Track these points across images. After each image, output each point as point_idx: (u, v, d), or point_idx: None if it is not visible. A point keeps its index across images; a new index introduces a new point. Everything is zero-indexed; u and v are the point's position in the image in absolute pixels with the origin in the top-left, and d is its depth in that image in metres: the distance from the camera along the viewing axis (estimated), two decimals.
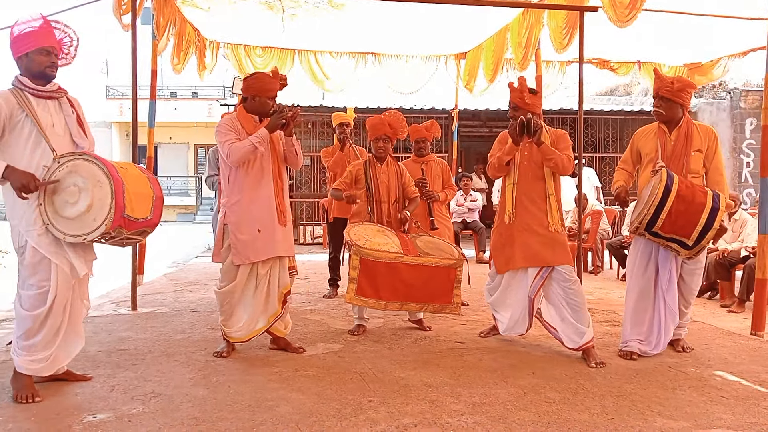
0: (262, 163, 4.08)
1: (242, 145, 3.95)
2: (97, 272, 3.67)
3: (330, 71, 9.26)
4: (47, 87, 3.42)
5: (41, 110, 3.38)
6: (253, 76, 4.20)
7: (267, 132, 4.00)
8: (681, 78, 4.42)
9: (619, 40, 7.84)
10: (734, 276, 6.34)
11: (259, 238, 4.03)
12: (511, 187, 4.33)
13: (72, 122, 3.50)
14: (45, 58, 3.37)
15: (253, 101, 4.11)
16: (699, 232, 3.86)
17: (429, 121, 5.84)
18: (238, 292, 4.09)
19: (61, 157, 3.29)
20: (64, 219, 3.25)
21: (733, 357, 4.27)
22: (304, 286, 7.16)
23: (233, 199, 4.07)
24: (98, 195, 3.21)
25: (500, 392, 3.47)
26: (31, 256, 3.30)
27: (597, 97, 15.13)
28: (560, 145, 4.27)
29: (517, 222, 4.27)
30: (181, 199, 25.31)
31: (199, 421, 3.02)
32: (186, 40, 7.49)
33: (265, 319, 4.15)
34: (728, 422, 3.07)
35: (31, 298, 3.31)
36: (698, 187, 4.01)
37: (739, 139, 13.40)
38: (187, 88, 25.31)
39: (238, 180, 4.06)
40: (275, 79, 4.16)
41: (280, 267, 4.17)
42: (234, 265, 4.06)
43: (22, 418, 3.03)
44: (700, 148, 4.19)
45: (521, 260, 4.25)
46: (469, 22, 7.66)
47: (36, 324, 3.31)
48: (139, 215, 3.36)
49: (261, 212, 4.05)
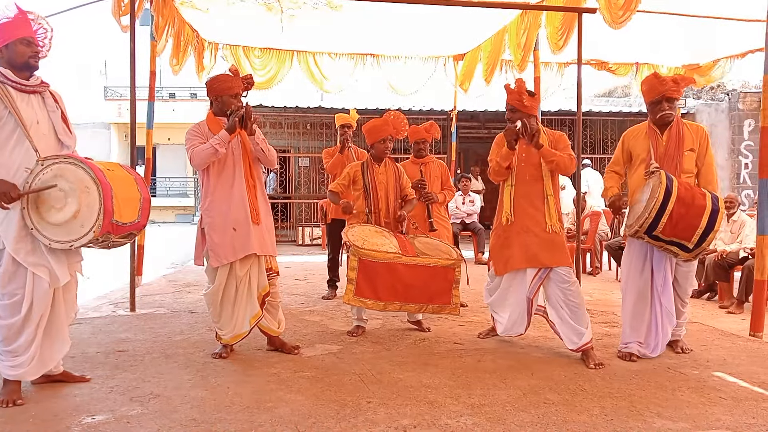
0: (233, 164, 4.07)
1: (202, 149, 3.96)
2: (96, 274, 3.65)
3: (329, 72, 9.27)
4: (31, 81, 3.27)
5: (24, 106, 3.22)
6: (213, 77, 4.17)
7: (226, 134, 3.97)
8: (680, 76, 4.39)
9: (618, 42, 7.86)
10: (733, 277, 6.35)
11: (235, 237, 4.01)
12: (509, 189, 4.32)
13: (57, 119, 3.35)
14: (27, 48, 3.23)
15: (218, 102, 4.11)
16: (700, 235, 3.84)
17: (428, 122, 5.83)
18: (220, 294, 4.07)
19: (45, 160, 3.16)
20: (50, 225, 3.14)
21: (732, 358, 4.27)
22: (302, 288, 7.15)
23: (207, 201, 4.08)
24: (86, 201, 3.12)
25: (499, 393, 3.47)
26: (8, 264, 3.17)
27: (596, 99, 15.15)
28: (559, 146, 4.26)
29: (515, 223, 4.26)
30: (180, 200, 25.28)
31: (198, 422, 3.01)
32: (184, 41, 7.50)
33: (248, 320, 4.13)
34: (727, 423, 3.07)
35: (4, 307, 3.19)
36: (696, 188, 4.01)
37: (738, 140, 13.43)
38: (186, 89, 25.28)
39: (211, 182, 4.06)
40: (236, 77, 4.14)
41: (258, 268, 4.14)
42: (212, 267, 4.07)
43: (20, 420, 3.02)
44: (693, 147, 4.18)
45: (520, 261, 4.25)
46: (467, 24, 7.66)
47: (12, 332, 3.21)
48: (126, 219, 3.27)
49: (235, 212, 4.03)
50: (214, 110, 4.16)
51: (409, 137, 5.77)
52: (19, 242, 3.17)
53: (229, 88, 4.09)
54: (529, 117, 4.17)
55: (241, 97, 4.15)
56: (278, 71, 9.08)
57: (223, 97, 4.08)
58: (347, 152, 6.28)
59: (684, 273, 4.25)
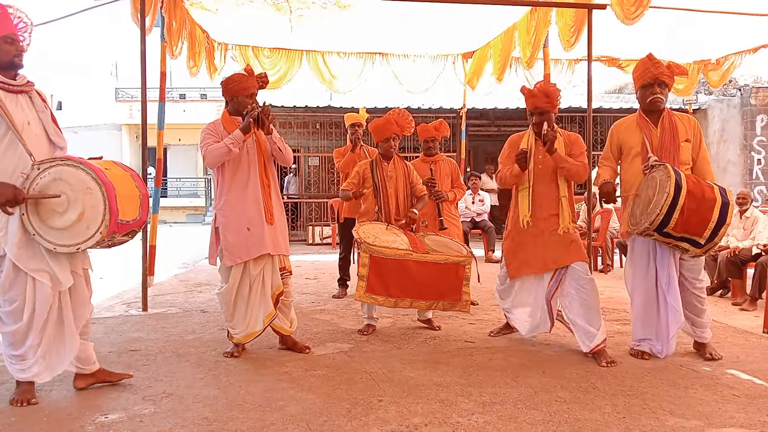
0: (248, 163, 4.09)
1: (216, 147, 3.97)
2: (108, 274, 3.66)
3: (338, 71, 9.27)
4: (17, 80, 3.16)
5: (14, 107, 3.10)
6: (228, 77, 4.17)
7: (240, 133, 3.98)
8: (674, 63, 4.24)
9: (628, 38, 7.81)
10: (746, 274, 6.30)
11: (249, 236, 4.03)
12: (526, 192, 4.26)
13: (47, 119, 3.25)
14: (11, 46, 3.10)
15: (233, 102, 4.12)
16: (712, 230, 3.70)
17: (438, 121, 5.83)
18: (233, 293, 4.09)
19: (42, 163, 3.07)
20: (53, 229, 3.07)
21: (745, 355, 4.24)
22: (313, 286, 7.17)
23: (221, 200, 4.10)
24: (90, 202, 3.05)
25: (511, 391, 3.46)
26: (9, 270, 3.11)
27: (606, 95, 15.07)
28: (574, 151, 4.21)
29: (530, 227, 4.22)
30: (191, 200, 25.43)
31: (210, 421, 3.03)
32: (197, 42, 7.53)
33: (261, 319, 4.15)
34: (741, 421, 3.05)
35: (6, 314, 3.16)
36: (703, 181, 3.87)
37: (750, 136, 13.31)
38: (196, 90, 25.41)
39: (225, 181, 4.08)
40: (251, 77, 4.14)
41: (272, 268, 4.16)
42: (226, 266, 4.08)
43: (34, 419, 3.05)
44: (688, 138, 4.07)
45: (535, 267, 4.20)
46: (476, 21, 7.64)
47: (17, 338, 3.17)
48: (129, 217, 3.22)
49: (249, 212, 4.05)
50: (229, 110, 4.17)
51: (419, 135, 5.77)
52: (21, 248, 3.10)
53: (244, 89, 4.09)
54: (549, 115, 4.12)
55: (256, 96, 4.17)
56: (288, 71, 9.10)
57: (238, 98, 4.09)
58: (359, 151, 6.29)
59: (690, 266, 4.09)
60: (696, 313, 4.13)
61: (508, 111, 13.29)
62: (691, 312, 4.13)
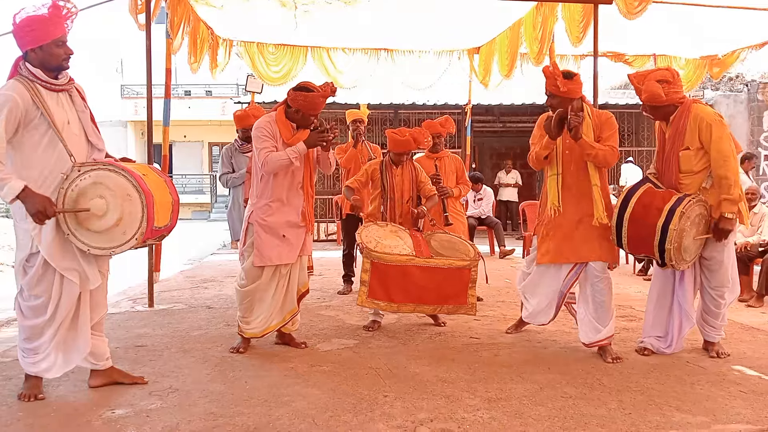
0: (294, 172, 4.11)
1: (278, 157, 3.94)
2: (114, 270, 3.67)
3: (343, 67, 9.25)
4: (60, 79, 3.15)
5: (54, 105, 3.10)
6: (302, 93, 3.98)
7: (305, 147, 3.99)
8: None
9: (635, 33, 7.77)
10: (753, 270, 6.27)
11: (283, 242, 4.07)
12: (555, 178, 4.11)
13: (86, 119, 3.26)
14: (61, 50, 3.09)
15: (296, 114, 4.05)
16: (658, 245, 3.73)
17: (443, 117, 5.83)
18: (260, 291, 4.11)
19: (83, 166, 3.08)
20: (89, 231, 3.09)
21: (752, 352, 4.23)
22: (318, 283, 7.18)
23: (262, 201, 4.08)
24: (128, 209, 3.07)
25: (516, 387, 3.46)
26: (39, 266, 3.12)
27: (612, 91, 15.00)
28: (604, 133, 4.05)
29: (562, 215, 4.08)
30: (196, 197, 25.47)
31: (216, 416, 3.04)
32: (201, 38, 7.52)
33: (282, 315, 4.17)
34: (747, 417, 3.04)
35: (30, 309, 3.17)
36: (659, 197, 3.82)
37: (757, 132, 13.24)
38: (201, 86, 25.43)
39: (269, 185, 4.07)
40: (325, 97, 4.04)
41: (299, 266, 4.22)
42: (255, 266, 4.08)
43: (42, 414, 3.07)
44: (689, 146, 3.92)
45: (557, 256, 4.11)
46: (482, 17, 7.62)
47: (35, 332, 3.19)
48: (162, 223, 3.26)
49: (289, 218, 4.10)
50: (287, 113, 4.08)
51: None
52: (54, 246, 3.10)
53: (315, 108, 4.03)
54: (571, 101, 3.97)
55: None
56: (293, 67, 9.08)
57: (305, 113, 4.03)
58: (360, 147, 6.31)
59: (708, 265, 4.00)
60: (712, 315, 4.10)
61: (514, 107, 13.23)
62: (707, 313, 4.12)
